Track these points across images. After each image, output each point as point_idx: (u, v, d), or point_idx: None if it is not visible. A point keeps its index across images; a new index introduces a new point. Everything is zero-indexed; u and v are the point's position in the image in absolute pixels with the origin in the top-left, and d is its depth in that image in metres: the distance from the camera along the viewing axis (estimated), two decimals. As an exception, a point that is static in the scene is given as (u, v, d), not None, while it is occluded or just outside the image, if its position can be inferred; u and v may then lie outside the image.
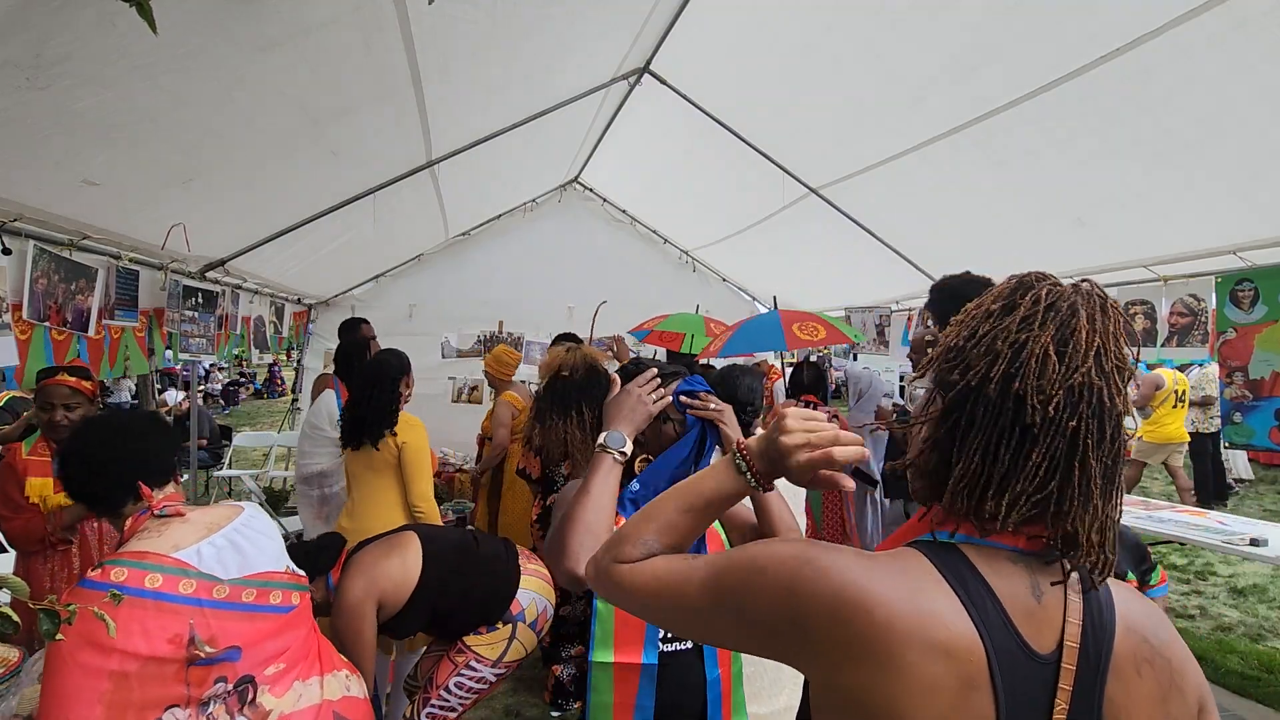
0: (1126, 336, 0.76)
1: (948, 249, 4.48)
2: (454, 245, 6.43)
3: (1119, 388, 0.73)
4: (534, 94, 3.81)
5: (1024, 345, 0.73)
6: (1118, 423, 0.74)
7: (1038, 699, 0.71)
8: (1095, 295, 0.78)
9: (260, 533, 1.62)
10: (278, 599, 1.56)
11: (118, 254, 2.77)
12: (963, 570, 0.74)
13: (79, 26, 1.49)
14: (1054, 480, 0.72)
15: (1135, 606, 0.78)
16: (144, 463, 1.58)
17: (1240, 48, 2.23)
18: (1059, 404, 0.71)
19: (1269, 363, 3.00)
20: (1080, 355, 0.72)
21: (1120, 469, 0.75)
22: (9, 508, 2.51)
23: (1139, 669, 0.73)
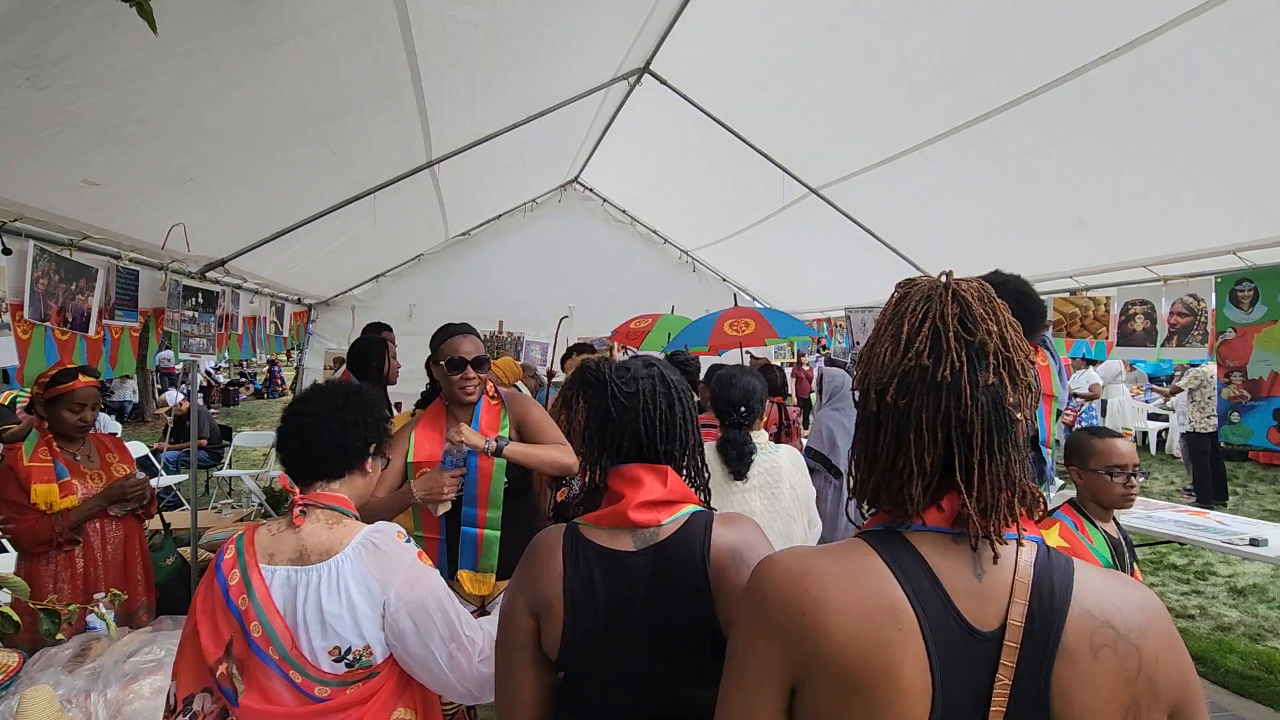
0: (981, 313, 0.82)
1: (948, 249, 4.49)
2: (454, 245, 6.43)
3: (956, 360, 0.80)
4: (534, 94, 3.81)
5: (874, 347, 0.87)
6: (958, 393, 0.79)
7: (978, 673, 0.74)
8: (940, 286, 0.86)
9: (335, 590, 1.33)
10: (296, 678, 1.32)
11: (118, 254, 2.77)
12: (902, 552, 0.79)
13: (79, 26, 1.49)
14: (902, 458, 0.81)
15: (1104, 591, 0.77)
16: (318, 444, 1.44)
17: (1240, 47, 2.24)
18: (894, 390, 0.81)
19: (1268, 363, 3.00)
20: (905, 343, 0.82)
21: (985, 437, 0.79)
22: (12, 510, 2.50)
23: (1095, 653, 0.73)
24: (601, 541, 1.16)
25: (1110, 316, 3.85)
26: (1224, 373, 3.19)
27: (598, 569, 1.14)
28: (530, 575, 1.16)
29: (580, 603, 1.12)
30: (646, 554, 1.15)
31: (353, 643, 1.33)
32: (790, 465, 2.25)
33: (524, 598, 1.16)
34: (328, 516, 1.42)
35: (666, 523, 1.16)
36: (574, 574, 1.14)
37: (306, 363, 6.19)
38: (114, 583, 2.62)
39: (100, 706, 1.85)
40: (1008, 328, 0.83)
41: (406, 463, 2.22)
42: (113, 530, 2.73)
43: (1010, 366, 0.82)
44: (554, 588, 1.13)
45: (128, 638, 2.15)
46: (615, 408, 1.21)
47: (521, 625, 1.15)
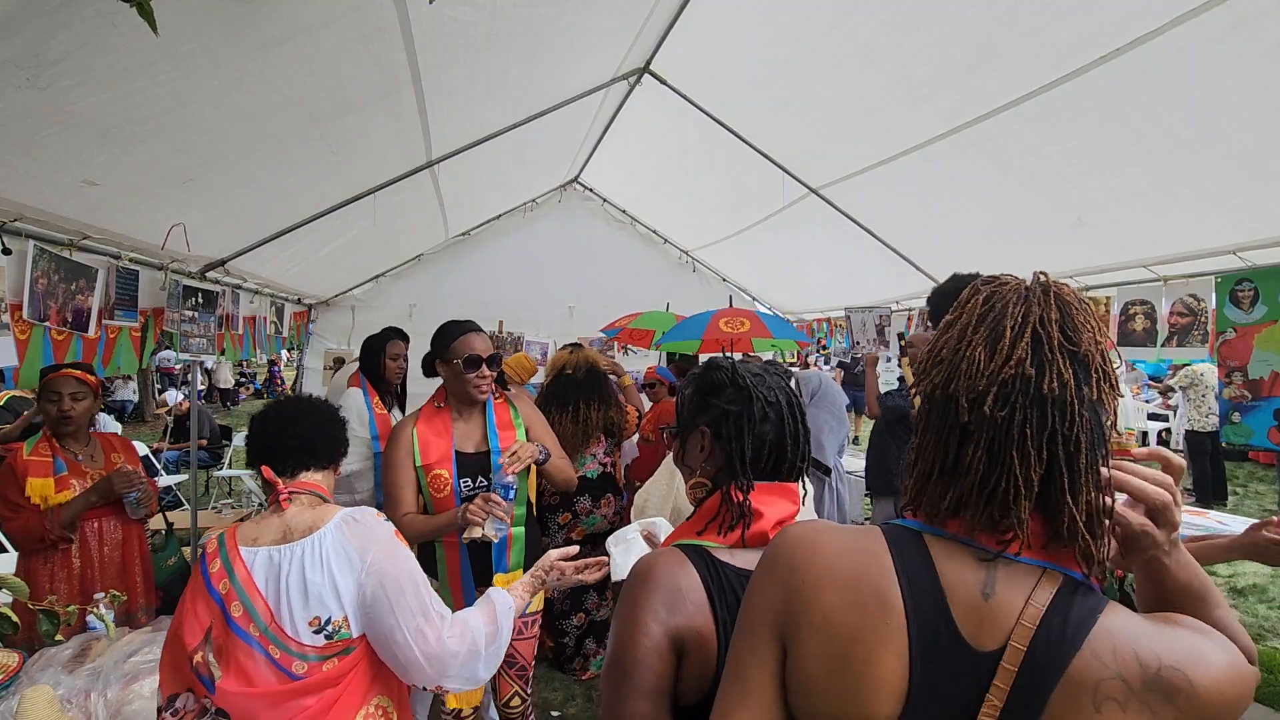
0: (1083, 320, 0.77)
1: (948, 249, 4.49)
2: (454, 245, 6.43)
3: (1063, 372, 0.74)
4: (534, 94, 3.81)
5: (961, 349, 0.79)
6: (1065, 409, 0.74)
7: (966, 689, 0.72)
8: (1037, 287, 0.80)
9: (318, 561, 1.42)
10: (275, 653, 1.37)
11: (118, 254, 2.77)
12: (910, 551, 0.78)
13: (79, 26, 1.49)
14: (996, 474, 0.75)
15: (1136, 642, 0.70)
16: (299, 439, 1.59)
17: (1240, 47, 2.23)
18: (991, 400, 0.75)
19: (1268, 363, 3.00)
20: (1007, 350, 0.75)
21: (1089, 458, 0.74)
22: (8, 508, 2.51)
23: (1099, 704, 0.67)
24: (742, 565, 1.04)
25: (1110, 316, 3.85)
26: (1224, 373, 3.18)
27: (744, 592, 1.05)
28: (667, 607, 0.99)
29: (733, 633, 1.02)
30: None
31: (332, 613, 1.41)
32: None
33: (662, 631, 0.97)
34: (310, 500, 1.53)
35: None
36: (721, 601, 1.01)
37: (306, 363, 6.19)
38: (112, 583, 2.63)
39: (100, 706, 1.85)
40: (1103, 335, 0.78)
41: (416, 466, 2.18)
42: (111, 531, 2.74)
43: (1109, 381, 0.77)
44: (704, 618, 0.99)
45: (128, 638, 2.15)
46: (759, 417, 1.12)
47: (661, 664, 0.97)
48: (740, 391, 1.14)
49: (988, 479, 0.75)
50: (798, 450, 1.15)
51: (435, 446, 2.20)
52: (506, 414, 2.33)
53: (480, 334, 2.27)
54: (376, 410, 3.38)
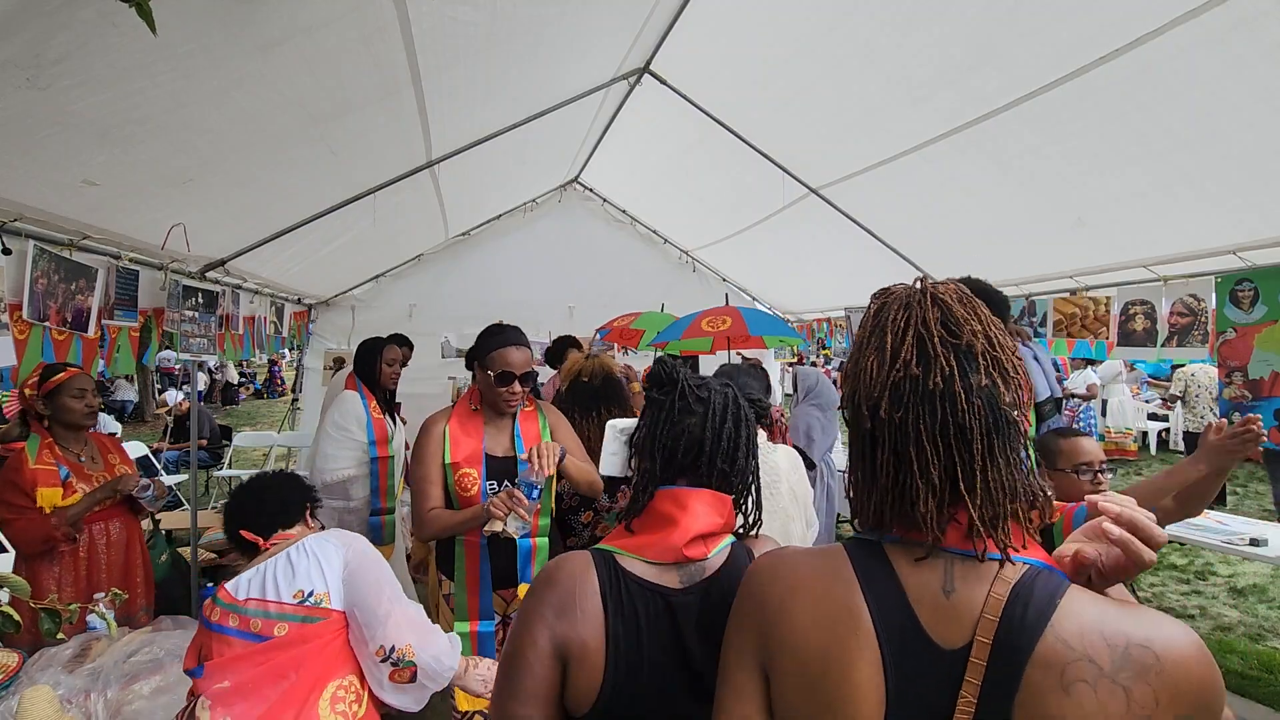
0: (963, 314, 0.80)
1: (948, 249, 4.49)
2: (454, 245, 6.43)
3: (946, 365, 0.77)
4: (534, 94, 3.81)
5: (859, 362, 0.84)
6: (954, 400, 0.76)
7: (940, 689, 0.72)
8: (917, 291, 0.84)
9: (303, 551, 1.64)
10: (283, 630, 1.55)
11: (118, 254, 2.77)
12: (873, 564, 0.79)
13: (79, 26, 1.49)
14: (903, 473, 0.78)
15: (1099, 624, 0.70)
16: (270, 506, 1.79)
17: (1240, 47, 2.23)
18: (886, 403, 0.79)
19: (1268, 363, 3.00)
20: (890, 353, 0.80)
21: (985, 443, 0.76)
22: (10, 511, 2.49)
23: (1068, 687, 0.67)
24: (645, 576, 1.00)
25: (1110, 316, 3.85)
26: (1225, 373, 3.18)
27: (643, 609, 0.98)
28: (556, 611, 0.97)
29: (625, 649, 0.96)
30: (695, 592, 1.01)
31: (315, 587, 1.59)
32: (788, 465, 2.24)
33: (548, 637, 0.95)
34: (286, 540, 1.72)
35: (712, 555, 1.03)
36: (616, 614, 0.97)
37: (306, 363, 6.19)
38: (116, 583, 2.62)
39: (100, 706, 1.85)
40: (991, 326, 0.81)
41: (445, 463, 2.17)
42: (116, 532, 2.73)
43: (1000, 366, 0.80)
44: (593, 629, 0.95)
45: (128, 638, 2.15)
46: (680, 408, 1.09)
47: (543, 672, 0.95)
48: (668, 383, 1.13)
49: (898, 479, 0.78)
50: (728, 454, 1.09)
51: (465, 446, 2.18)
52: (535, 422, 2.32)
53: (520, 348, 2.22)
54: (374, 414, 3.35)
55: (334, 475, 3.24)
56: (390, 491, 3.39)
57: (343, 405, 3.34)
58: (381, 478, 3.34)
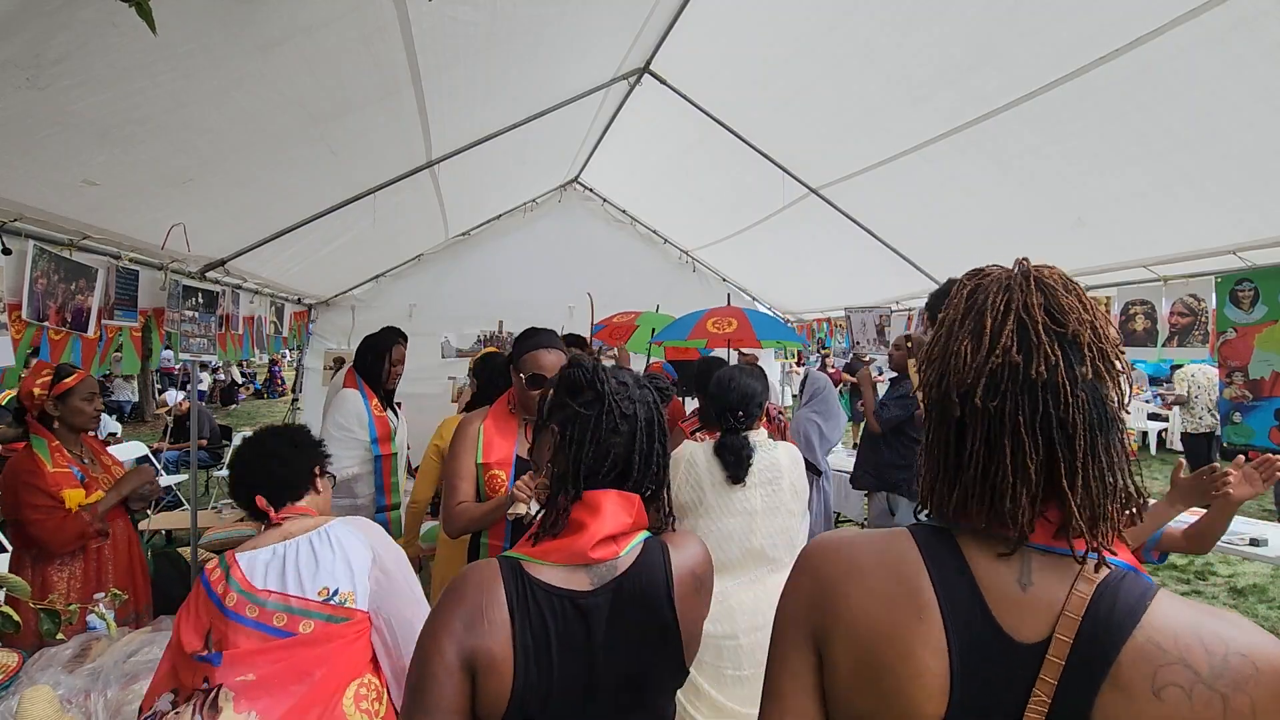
0: (1069, 302, 0.76)
1: (948, 249, 4.49)
2: (454, 245, 6.43)
3: (1050, 355, 0.73)
4: (534, 94, 3.81)
5: (949, 345, 0.79)
6: (1057, 391, 0.72)
7: (1012, 683, 0.70)
8: (1018, 274, 0.79)
9: (328, 544, 1.56)
10: (308, 628, 1.50)
11: (118, 254, 2.77)
12: (942, 551, 0.76)
13: (79, 26, 1.49)
14: (994, 465, 0.74)
15: (1195, 628, 0.67)
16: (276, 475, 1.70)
17: (1240, 47, 2.23)
18: (981, 390, 0.74)
19: (1269, 363, 3.00)
20: (989, 339, 0.75)
21: (1089, 439, 0.72)
22: (40, 512, 2.47)
23: (1158, 691, 0.65)
24: (553, 581, 0.98)
25: (1111, 316, 3.86)
26: (1225, 373, 3.18)
27: (550, 615, 0.97)
28: (464, 622, 0.95)
29: (533, 657, 0.94)
30: (605, 592, 0.99)
31: (340, 585, 1.53)
32: (789, 462, 2.25)
33: (456, 650, 0.93)
34: (303, 516, 1.66)
35: (624, 554, 1.02)
36: (523, 623, 0.95)
37: (306, 363, 6.19)
38: (120, 583, 2.63)
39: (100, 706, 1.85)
40: (1098, 315, 0.77)
41: (477, 463, 2.15)
42: (120, 531, 2.75)
43: (1106, 360, 0.75)
44: (499, 640, 0.94)
45: (127, 638, 2.15)
46: (607, 427, 1.06)
47: (451, 684, 0.92)
48: (596, 397, 1.07)
49: (988, 471, 0.74)
50: (647, 470, 1.07)
51: (498, 447, 2.18)
52: None
53: (552, 351, 2.20)
54: (375, 412, 3.35)
55: (338, 474, 3.19)
56: (395, 488, 3.39)
57: (344, 404, 3.34)
58: (385, 475, 3.34)
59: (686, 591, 1.03)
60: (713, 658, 2.08)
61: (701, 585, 1.06)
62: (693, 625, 1.03)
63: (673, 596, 1.01)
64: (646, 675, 1.00)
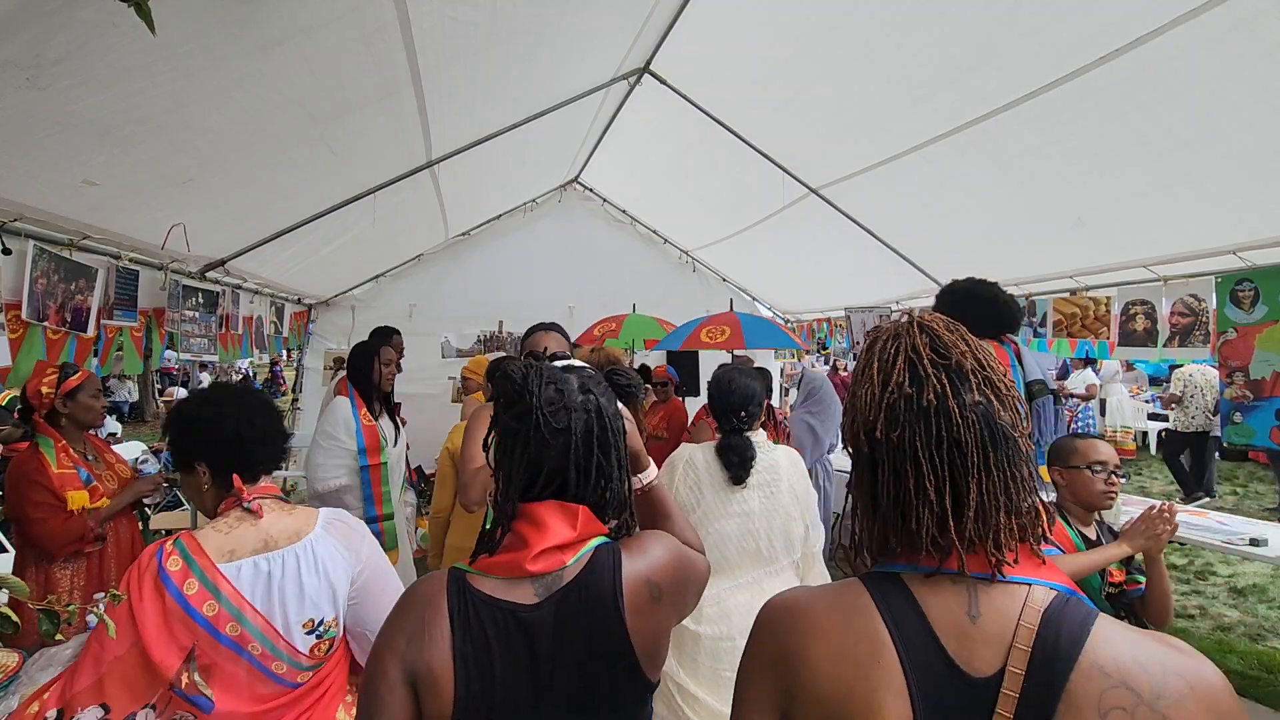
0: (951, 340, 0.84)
1: (948, 249, 4.49)
2: (454, 245, 6.43)
3: (938, 384, 0.80)
4: (534, 94, 3.81)
5: (857, 391, 0.87)
6: (949, 415, 0.78)
7: (970, 718, 0.71)
8: (904, 321, 0.87)
9: (313, 566, 1.41)
10: (280, 669, 1.36)
11: (118, 254, 2.78)
12: (892, 594, 0.78)
13: (79, 26, 1.49)
14: (904, 492, 0.79)
15: (1131, 650, 0.70)
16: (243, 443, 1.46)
17: (1240, 47, 2.24)
18: (882, 423, 0.81)
19: (1269, 363, 3.00)
20: (882, 378, 0.83)
21: (980, 456, 0.77)
22: (42, 510, 2.46)
23: (1105, 713, 0.67)
24: (495, 593, 0.96)
25: (1111, 316, 3.85)
26: (1226, 373, 3.18)
27: (491, 628, 0.94)
28: (406, 637, 0.94)
29: (475, 672, 0.93)
30: (549, 605, 0.97)
31: (325, 614, 1.42)
32: (788, 464, 2.24)
33: (398, 666, 0.93)
34: (279, 505, 1.48)
35: (571, 563, 0.99)
36: (464, 636, 0.93)
37: (306, 363, 6.19)
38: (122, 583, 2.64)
39: (100, 706, 1.84)
40: (979, 350, 0.84)
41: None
42: (124, 531, 2.76)
43: (992, 385, 0.82)
44: (440, 654, 0.92)
45: (128, 638, 2.14)
46: (536, 442, 1.01)
47: (395, 701, 0.92)
48: (525, 411, 1.02)
49: (899, 500, 0.79)
50: (586, 482, 1.03)
51: None
52: None
53: (552, 333, 2.22)
54: (364, 421, 3.28)
55: (325, 485, 3.19)
56: (386, 498, 3.33)
57: (332, 413, 3.28)
58: (374, 485, 3.28)
59: (640, 601, 0.98)
60: (710, 660, 2.07)
61: (662, 593, 1.00)
62: (651, 635, 0.98)
63: (621, 607, 0.97)
64: (599, 689, 0.96)
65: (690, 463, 2.20)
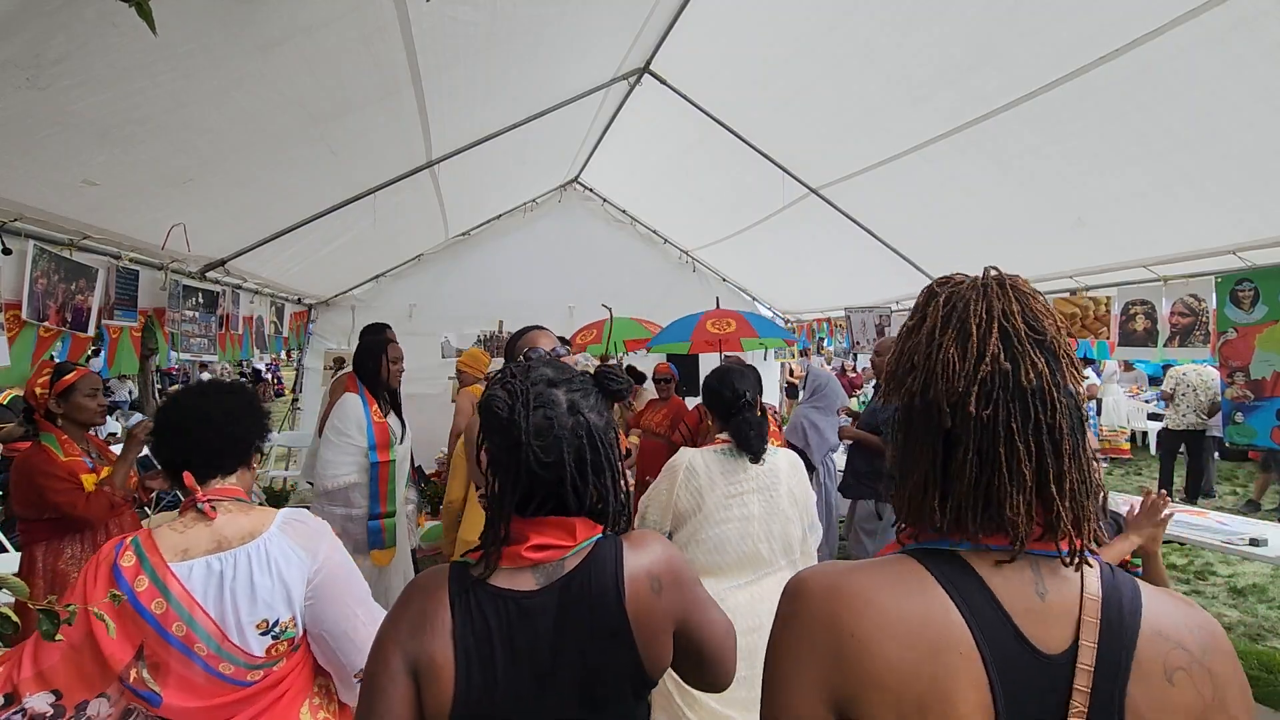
0: (1042, 310, 0.78)
1: (948, 249, 4.49)
2: (454, 245, 6.43)
3: (1036, 362, 0.74)
4: (534, 94, 3.81)
5: (933, 354, 0.78)
6: (1046, 398, 0.74)
7: (1046, 698, 0.70)
8: (992, 281, 0.80)
9: (265, 566, 1.39)
10: (228, 670, 1.35)
11: (118, 254, 2.78)
12: (955, 571, 0.74)
13: (79, 27, 1.49)
14: (988, 474, 0.74)
15: (1169, 610, 0.73)
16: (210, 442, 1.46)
17: (1240, 47, 2.24)
18: (975, 400, 0.74)
19: (1270, 363, 3.00)
20: (977, 347, 0.75)
21: (1072, 442, 0.74)
22: (66, 492, 2.55)
23: (1171, 676, 0.69)
24: (497, 582, 0.97)
25: (1111, 316, 3.85)
26: (1227, 373, 3.18)
27: (494, 616, 0.94)
28: (409, 628, 0.94)
29: (476, 660, 0.92)
30: (551, 592, 0.97)
31: (280, 615, 1.39)
32: (788, 468, 2.24)
33: (401, 655, 0.93)
34: (238, 506, 1.46)
35: (571, 554, 0.99)
36: (466, 625, 0.93)
37: (306, 363, 6.19)
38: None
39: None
40: (1063, 323, 0.80)
41: None
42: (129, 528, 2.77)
43: (1074, 365, 0.77)
44: (441, 643, 0.92)
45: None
46: (527, 473, 0.99)
47: (397, 691, 0.92)
48: (514, 445, 0.98)
49: (980, 481, 0.74)
50: (582, 504, 1.01)
51: None
52: None
53: (544, 332, 2.26)
54: (375, 418, 3.28)
55: (335, 482, 3.16)
56: (391, 495, 3.34)
57: (343, 409, 3.24)
58: (381, 482, 3.28)
59: (642, 592, 0.98)
60: None
61: (662, 586, 0.99)
62: (652, 629, 0.98)
63: (623, 596, 0.97)
64: (601, 679, 0.96)
65: (691, 468, 2.19)
